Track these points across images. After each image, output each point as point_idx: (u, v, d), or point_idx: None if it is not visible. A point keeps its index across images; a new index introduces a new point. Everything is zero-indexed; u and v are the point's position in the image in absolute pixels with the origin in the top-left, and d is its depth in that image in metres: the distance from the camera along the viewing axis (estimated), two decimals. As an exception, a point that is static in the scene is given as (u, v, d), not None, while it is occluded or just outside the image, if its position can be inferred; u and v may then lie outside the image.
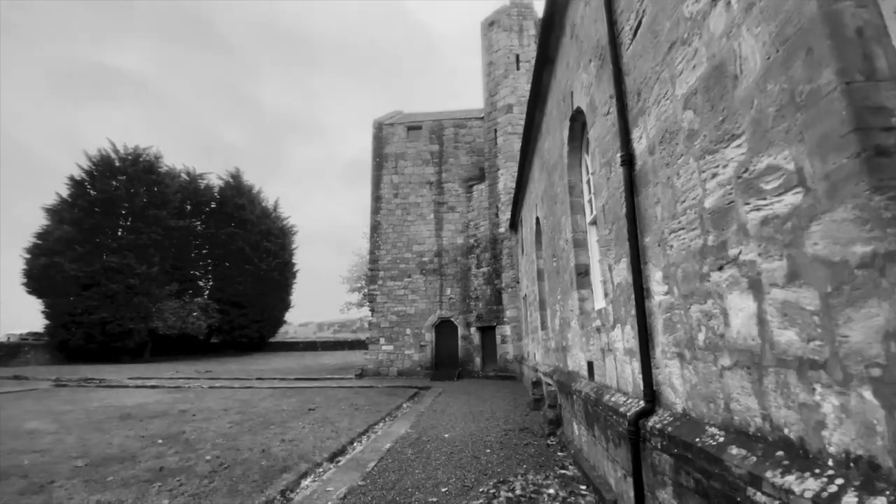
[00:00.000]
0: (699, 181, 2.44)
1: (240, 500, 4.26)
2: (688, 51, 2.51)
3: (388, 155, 19.92)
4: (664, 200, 2.91)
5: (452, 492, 4.47)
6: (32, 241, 31.59)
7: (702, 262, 2.44)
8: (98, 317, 30.20)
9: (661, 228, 2.97)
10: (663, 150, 2.89)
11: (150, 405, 10.72)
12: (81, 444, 6.65)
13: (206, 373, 21.39)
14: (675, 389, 2.84)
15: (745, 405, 2.08)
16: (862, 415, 1.41)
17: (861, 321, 1.41)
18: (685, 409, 2.70)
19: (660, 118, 2.93)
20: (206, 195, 41.81)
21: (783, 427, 1.80)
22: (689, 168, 2.54)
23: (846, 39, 1.50)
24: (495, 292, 17.47)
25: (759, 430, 1.97)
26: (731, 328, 2.18)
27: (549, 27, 6.29)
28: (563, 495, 4.26)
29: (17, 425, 8.17)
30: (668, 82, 2.77)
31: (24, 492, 4.54)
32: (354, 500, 4.28)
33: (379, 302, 18.68)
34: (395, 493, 4.44)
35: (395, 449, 6.27)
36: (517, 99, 17.77)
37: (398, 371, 17.99)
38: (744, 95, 2.01)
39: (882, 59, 1.48)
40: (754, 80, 1.92)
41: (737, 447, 2.03)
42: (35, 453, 6.07)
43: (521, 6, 19.16)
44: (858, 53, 1.49)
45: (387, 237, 19.15)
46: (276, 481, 4.80)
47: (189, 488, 4.60)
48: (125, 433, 7.37)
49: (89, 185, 33.41)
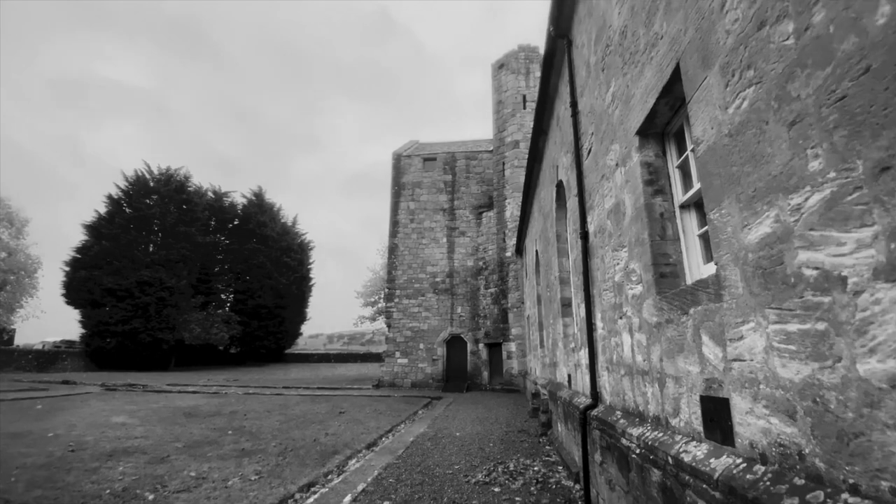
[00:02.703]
0: (612, 264, 4.10)
1: (309, 469, 5.91)
2: (608, 185, 4.20)
3: (406, 184, 21.84)
4: (600, 269, 4.57)
5: (463, 469, 6.07)
6: (72, 255, 34.09)
7: (614, 312, 4.09)
8: (131, 327, 32.36)
9: (599, 286, 4.62)
10: (598, 238, 4.57)
11: (202, 406, 12.46)
12: (169, 433, 8.39)
13: (234, 381, 23.16)
14: (606, 390, 4.46)
15: (628, 396, 3.70)
16: (658, 397, 3.04)
17: (657, 352, 3.05)
18: (610, 402, 4.31)
19: (598, 217, 4.61)
20: (230, 212, 44.25)
21: (638, 405, 3.43)
22: (609, 255, 4.21)
23: (654, 218, 3.18)
24: (502, 311, 19.05)
25: (632, 408, 3.59)
26: (624, 353, 3.82)
27: (542, 108, 8.03)
28: (545, 471, 5.85)
29: (105, 419, 9.95)
30: (601, 197, 4.46)
31: (151, 462, 6.26)
32: (392, 471, 5.91)
33: (395, 318, 20.37)
34: (421, 468, 6.06)
35: (416, 442, 7.88)
36: (523, 135, 19.59)
37: (412, 383, 19.56)
38: (626, 225, 3.68)
39: (670, 229, 3.15)
40: (628, 220, 3.60)
41: (622, 419, 3.66)
42: (139, 439, 7.81)
43: (528, 50, 21.13)
44: (659, 225, 3.16)
45: (403, 258, 20.93)
46: (331, 459, 6.46)
47: (270, 462, 6.28)
48: (197, 427, 9.09)
49: (125, 203, 36.02)
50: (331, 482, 5.49)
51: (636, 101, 3.31)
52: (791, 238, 1.64)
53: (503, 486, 5.26)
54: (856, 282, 1.36)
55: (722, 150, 2.12)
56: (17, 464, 6.00)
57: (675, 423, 2.74)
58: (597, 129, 4.56)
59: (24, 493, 4.83)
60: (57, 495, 4.78)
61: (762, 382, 1.85)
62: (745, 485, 1.80)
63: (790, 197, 1.64)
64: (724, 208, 2.11)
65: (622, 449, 3.45)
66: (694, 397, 2.48)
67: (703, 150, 2.31)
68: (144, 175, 37.34)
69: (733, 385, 2.08)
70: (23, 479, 5.32)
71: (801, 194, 1.59)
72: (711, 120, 2.21)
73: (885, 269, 1.25)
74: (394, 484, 5.31)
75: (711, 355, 2.28)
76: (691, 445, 2.42)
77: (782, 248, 1.69)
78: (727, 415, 2.12)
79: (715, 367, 2.25)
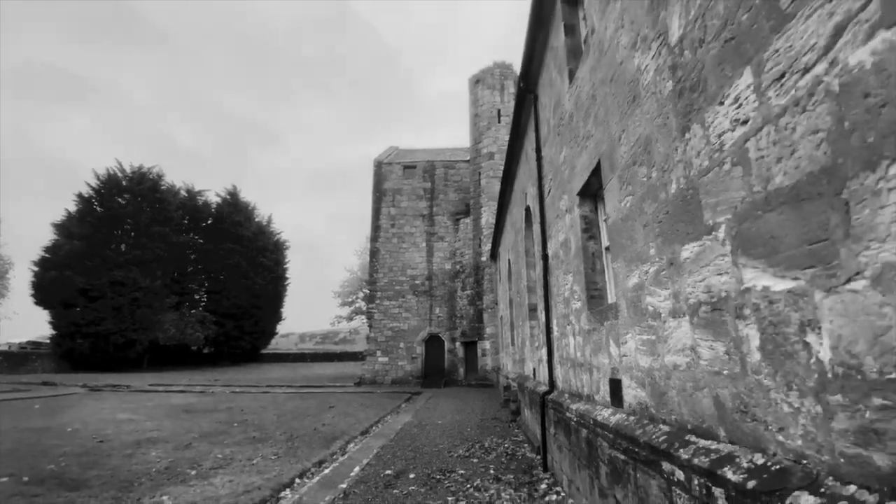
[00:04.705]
0: (563, 283, 5.44)
1: (318, 450, 7.03)
2: (560, 223, 5.52)
3: (387, 190, 22.89)
4: (556, 285, 5.91)
5: (446, 447, 7.32)
6: (41, 255, 33.34)
7: (564, 320, 5.42)
8: (104, 328, 32.01)
9: (555, 298, 5.96)
10: (555, 261, 5.90)
11: (196, 404, 13.24)
12: (179, 426, 9.28)
13: (216, 381, 23.63)
14: (559, 379, 5.80)
15: (572, 382, 5.03)
16: (588, 382, 4.37)
17: (588, 350, 4.38)
18: (561, 388, 5.66)
19: (554, 245, 5.94)
20: (203, 211, 43.84)
21: (577, 388, 4.77)
22: (561, 276, 5.54)
23: (588, 256, 4.51)
24: (477, 312, 20.44)
25: (574, 391, 4.92)
26: (570, 350, 5.15)
27: (514, 141, 9.34)
28: (513, 447, 7.18)
29: (111, 416, 10.68)
30: (556, 231, 5.79)
31: (177, 448, 7.22)
32: (387, 449, 7.11)
33: (376, 319, 21.44)
34: (412, 448, 7.27)
35: (404, 429, 9.09)
36: (498, 148, 20.99)
37: (392, 380, 20.70)
38: (571, 257, 5.00)
39: (598, 264, 4.48)
40: (573, 254, 4.92)
41: (568, 399, 4.99)
42: (154, 431, 8.69)
43: (502, 67, 22.53)
44: (591, 261, 4.49)
45: (384, 262, 22.01)
46: (333, 443, 7.59)
47: (281, 447, 7.35)
48: (203, 421, 9.99)
49: (97, 202, 35.43)
50: (337, 459, 6.64)
51: (577, 171, 4.63)
52: (644, 287, 2.96)
53: (480, 458, 6.55)
54: (664, 316, 2.68)
55: (619, 226, 3.44)
56: (58, 453, 6.86)
57: (597, 398, 4.07)
58: (554, 177, 5.88)
59: (82, 474, 5.76)
60: (111, 474, 5.75)
61: (634, 369, 3.18)
62: (623, 428, 3.12)
63: (643, 266, 2.96)
64: (618, 263, 3.44)
65: (567, 420, 4.78)
66: (606, 380, 3.81)
67: (610, 222, 3.64)
68: (116, 174, 36.74)
69: (623, 371, 3.41)
70: (73, 464, 6.22)
71: (647, 265, 2.91)
72: (613, 206, 3.54)
73: (676, 311, 2.56)
74: (391, 459, 6.51)
75: (614, 353, 3.60)
76: (604, 411, 3.75)
77: (641, 292, 3.02)
78: (620, 389, 3.45)
79: (615, 360, 3.58)
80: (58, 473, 5.79)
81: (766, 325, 1.76)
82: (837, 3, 1.41)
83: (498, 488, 5.02)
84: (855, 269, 1.35)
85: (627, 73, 3.19)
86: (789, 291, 1.63)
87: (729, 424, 2.03)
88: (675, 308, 2.54)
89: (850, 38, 1.37)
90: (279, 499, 4.85)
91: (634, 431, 2.87)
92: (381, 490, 5.04)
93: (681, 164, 2.43)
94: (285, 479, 5.41)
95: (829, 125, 1.44)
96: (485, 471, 5.80)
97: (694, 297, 2.32)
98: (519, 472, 5.74)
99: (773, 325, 1.72)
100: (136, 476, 5.64)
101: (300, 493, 4.95)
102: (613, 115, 3.50)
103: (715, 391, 2.14)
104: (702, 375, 2.25)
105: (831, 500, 1.37)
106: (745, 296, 1.89)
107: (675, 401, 2.55)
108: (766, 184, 1.75)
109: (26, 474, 5.69)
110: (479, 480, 5.32)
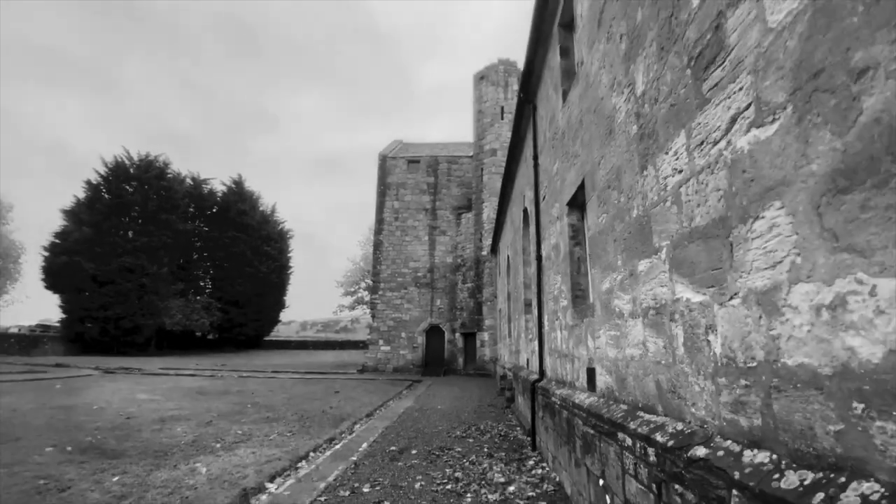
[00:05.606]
0: (553, 283, 6.03)
1: (328, 429, 7.71)
2: (552, 228, 6.10)
3: (391, 184, 23.42)
4: (547, 283, 6.51)
5: (445, 429, 7.99)
6: (51, 241, 34.05)
7: (553, 315, 6.03)
8: (113, 312, 32.82)
9: (546, 295, 6.56)
10: (547, 262, 6.49)
11: (208, 387, 13.96)
12: (197, 406, 9.97)
13: (223, 366, 24.43)
14: (548, 368, 6.43)
15: (558, 371, 5.65)
16: (571, 370, 4.98)
17: (572, 343, 4.99)
18: (549, 376, 6.28)
19: (546, 247, 6.52)
20: (209, 200, 44.42)
21: (562, 376, 5.39)
22: (552, 276, 6.14)
23: (574, 260, 5.10)
24: (477, 304, 21.09)
25: (560, 378, 5.54)
26: (557, 343, 5.76)
27: (514, 146, 9.88)
28: (506, 430, 7.84)
29: (131, 396, 11.39)
30: (549, 234, 6.36)
31: (200, 425, 7.90)
32: (392, 429, 7.78)
33: (379, 309, 22.12)
34: (414, 429, 7.94)
35: (406, 413, 9.77)
36: (500, 144, 21.44)
37: (394, 368, 21.45)
38: (560, 260, 5.59)
39: (582, 268, 5.07)
40: (561, 257, 5.51)
41: (554, 385, 5.62)
42: (175, 410, 9.38)
43: (507, 64, 22.88)
44: (577, 265, 5.08)
45: (387, 254, 22.62)
46: (341, 423, 8.26)
47: (294, 426, 8.02)
48: (219, 402, 10.69)
49: (105, 189, 36.03)
50: (346, 437, 7.31)
51: (567, 184, 5.20)
52: (613, 292, 3.55)
53: (475, 438, 7.22)
54: (626, 316, 3.28)
55: (597, 238, 4.02)
56: (92, 427, 7.54)
57: (577, 384, 4.69)
58: (549, 185, 6.44)
59: (118, 445, 6.44)
60: (145, 445, 6.42)
61: (604, 359, 3.78)
62: (594, 408, 3.73)
63: (612, 274, 3.55)
64: (595, 269, 4.03)
65: (552, 404, 5.41)
66: (584, 368, 4.43)
67: (590, 234, 4.22)
68: (124, 161, 37.28)
69: (597, 361, 4.01)
70: (108, 437, 6.90)
71: (615, 273, 3.50)
72: (593, 220, 4.11)
73: (634, 313, 3.15)
74: (395, 437, 7.18)
75: (591, 345, 4.21)
76: (581, 395, 4.36)
77: (611, 296, 3.61)
78: (594, 376, 4.06)
79: (591, 352, 4.18)
80: (96, 445, 6.46)
81: (687, 326, 2.35)
82: (733, 99, 1.98)
83: (490, 463, 5.67)
84: (734, 291, 1.94)
85: (606, 108, 3.75)
86: (700, 303, 2.22)
87: (664, 402, 2.64)
88: (633, 310, 3.13)
89: (738, 127, 1.94)
90: (297, 468, 5.51)
91: (601, 410, 3.49)
92: (387, 462, 5.70)
93: (640, 194, 3.01)
94: (301, 452, 6.08)
95: (725, 186, 2.02)
96: (479, 449, 6.46)
97: (645, 302, 2.91)
98: (510, 451, 6.40)
99: (692, 327, 2.31)
100: (167, 447, 6.31)
101: (316, 463, 5.62)
102: (595, 141, 4.06)
103: (657, 377, 2.74)
104: (649, 364, 2.86)
105: (715, 451, 1.98)
106: (676, 304, 2.48)
107: (632, 385, 3.15)
108: (690, 221, 2.33)
109: (68, 445, 6.37)
110: (475, 456, 5.98)
